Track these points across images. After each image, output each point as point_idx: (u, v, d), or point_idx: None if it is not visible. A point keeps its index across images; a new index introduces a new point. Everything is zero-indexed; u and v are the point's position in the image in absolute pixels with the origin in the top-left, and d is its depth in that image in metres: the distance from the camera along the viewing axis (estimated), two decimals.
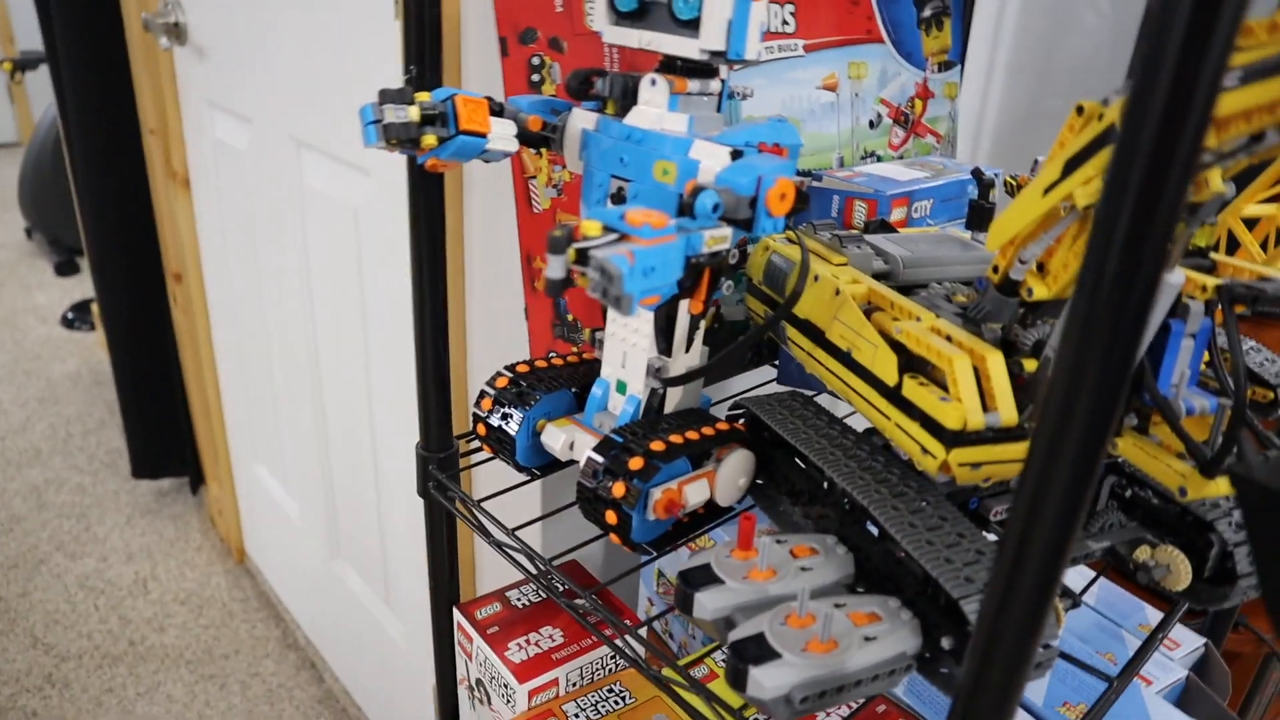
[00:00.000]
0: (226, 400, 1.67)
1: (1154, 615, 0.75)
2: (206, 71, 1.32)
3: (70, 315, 2.72)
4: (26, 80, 4.23)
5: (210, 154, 1.40)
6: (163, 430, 1.87)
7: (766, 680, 0.38)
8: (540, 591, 0.63)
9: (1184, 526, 0.51)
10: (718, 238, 0.46)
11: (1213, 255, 0.51)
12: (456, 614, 0.61)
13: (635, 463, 0.48)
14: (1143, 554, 0.50)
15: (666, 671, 0.50)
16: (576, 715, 0.56)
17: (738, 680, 0.39)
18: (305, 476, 1.40)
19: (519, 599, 0.62)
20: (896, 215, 0.69)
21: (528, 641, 0.59)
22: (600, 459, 0.49)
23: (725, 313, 0.70)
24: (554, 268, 0.37)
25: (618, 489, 0.48)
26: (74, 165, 1.62)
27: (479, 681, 0.61)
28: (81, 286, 2.96)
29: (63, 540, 1.86)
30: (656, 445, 0.49)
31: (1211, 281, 0.44)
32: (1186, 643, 0.74)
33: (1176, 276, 0.42)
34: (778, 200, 0.44)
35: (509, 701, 0.57)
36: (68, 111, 1.59)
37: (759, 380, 0.82)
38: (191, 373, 1.74)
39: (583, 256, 0.37)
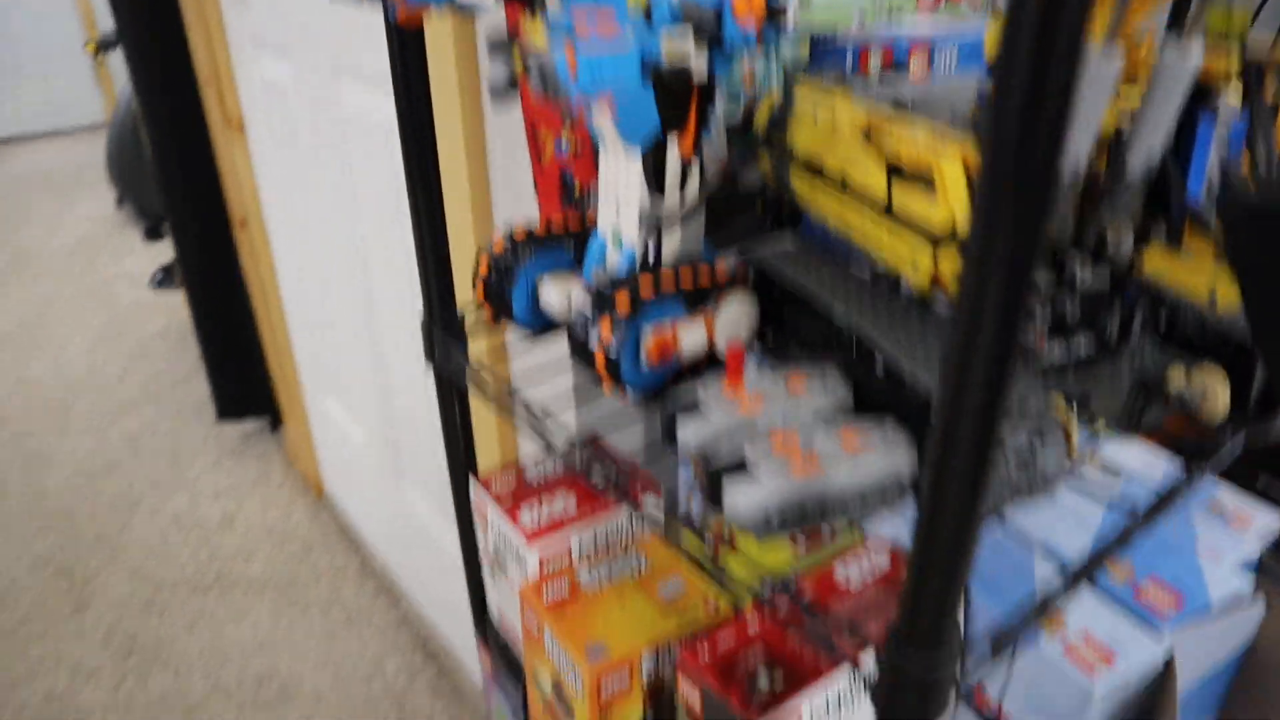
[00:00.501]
0: (295, 338, 1.72)
1: (1226, 495, 0.70)
2: (249, 11, 1.34)
3: (159, 277, 2.84)
4: (110, 60, 4.41)
5: (260, 95, 1.43)
6: (242, 374, 1.95)
7: (742, 499, 0.37)
8: (558, 467, 0.63)
9: (1225, 351, 0.46)
10: (676, 46, 0.43)
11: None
12: (473, 486, 0.61)
13: (622, 301, 0.47)
14: (1177, 379, 0.46)
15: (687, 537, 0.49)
16: (590, 579, 0.56)
17: (714, 500, 0.38)
18: (366, 401, 1.43)
19: (535, 473, 0.62)
20: (916, 67, 0.65)
21: (540, 508, 0.58)
22: (587, 300, 0.48)
23: (741, 187, 0.68)
24: (494, 71, 0.35)
25: (604, 329, 0.46)
26: (146, 127, 1.68)
27: (496, 551, 0.61)
28: (168, 251, 3.10)
29: (156, 481, 1.96)
30: (645, 285, 0.47)
31: (1236, 63, 0.40)
32: (1259, 520, 0.69)
33: (1193, 57, 0.38)
34: (745, 7, 0.41)
35: (522, 567, 0.57)
36: (136, 77, 1.64)
37: None
38: (262, 315, 1.80)
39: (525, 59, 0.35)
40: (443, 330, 0.59)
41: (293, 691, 1.44)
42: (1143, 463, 0.76)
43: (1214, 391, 0.44)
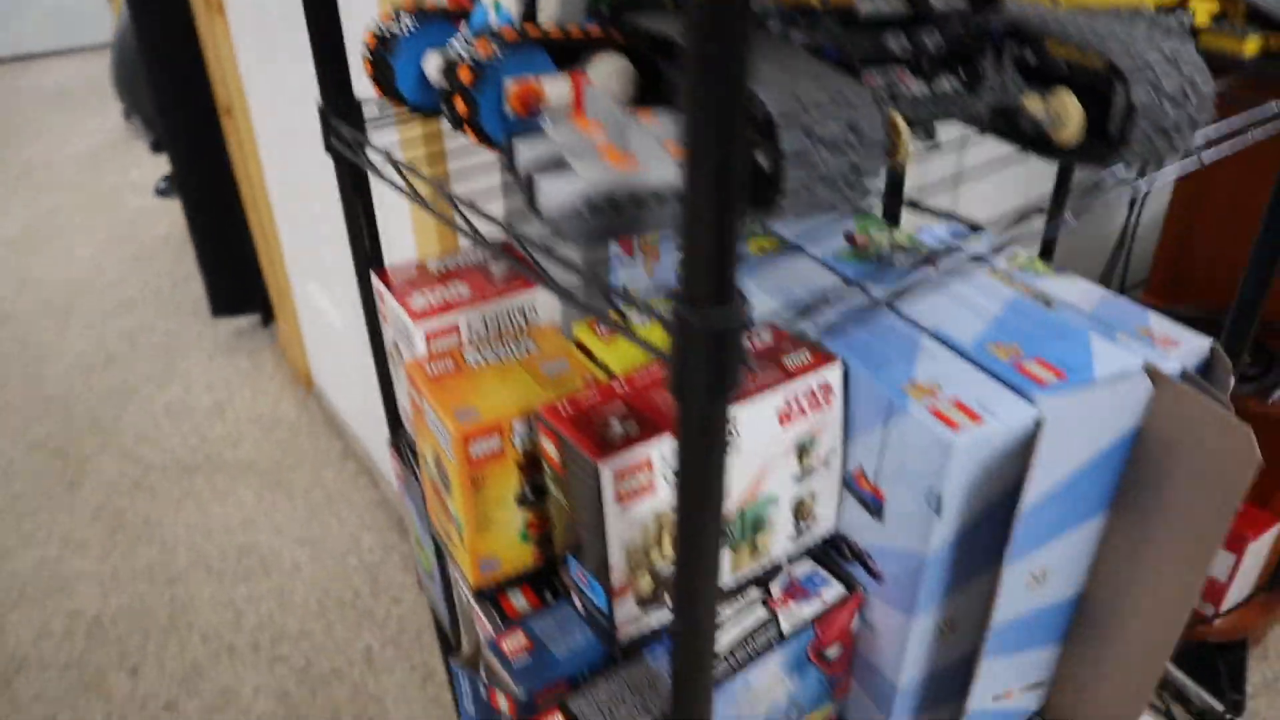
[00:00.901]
0: (282, 229, 1.72)
1: (1157, 320, 0.68)
2: None
3: (162, 185, 2.86)
4: None
5: None
6: (235, 270, 1.96)
7: (555, 192, 0.36)
8: (465, 260, 0.62)
9: (1093, 81, 0.44)
10: None
11: None
12: (374, 279, 0.61)
13: (483, 47, 0.45)
14: (1033, 104, 0.44)
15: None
16: (477, 359, 0.55)
17: (530, 197, 0.37)
18: (346, 285, 1.44)
19: (438, 265, 0.62)
20: None
21: (434, 293, 0.58)
22: (453, 49, 0.47)
23: None
24: None
25: (464, 73, 0.45)
26: (133, 18, 1.67)
27: (394, 344, 0.61)
28: None
29: (151, 374, 1.99)
30: (507, 32, 0.46)
31: None
32: (1188, 342, 0.67)
33: None
34: None
35: (411, 348, 0.57)
36: None
37: None
38: (250, 207, 1.80)
39: None
40: (339, 116, 0.58)
41: (272, 564, 1.48)
42: (1076, 291, 0.74)
43: (1068, 114, 0.42)
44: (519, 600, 0.56)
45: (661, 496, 0.46)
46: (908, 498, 0.48)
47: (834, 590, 0.53)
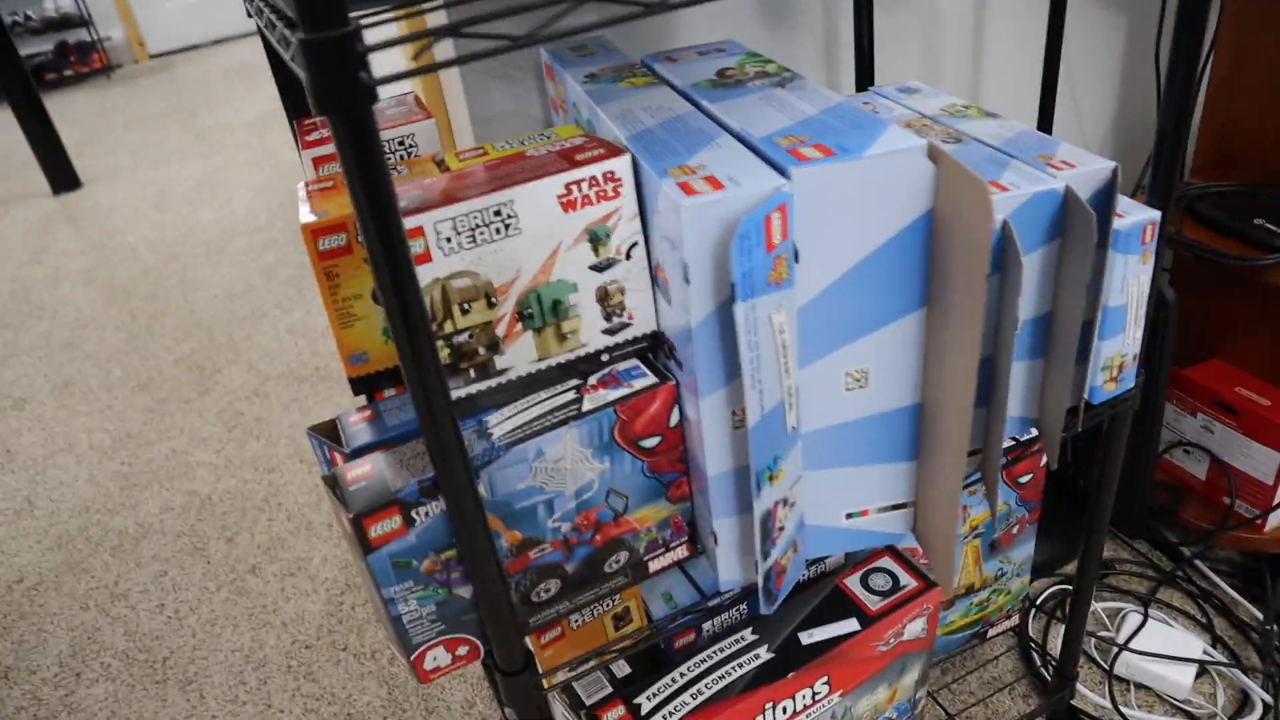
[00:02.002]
0: None
1: (1067, 150, 0.65)
2: None
3: None
4: None
5: None
6: None
7: None
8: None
9: None
10: None
11: None
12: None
13: None
14: None
15: None
16: None
17: None
18: None
19: None
20: None
21: (327, 129, 0.65)
22: None
23: None
24: None
25: None
26: None
27: None
28: None
29: (281, 301, 2.23)
30: None
31: None
32: (1088, 165, 0.63)
33: None
34: None
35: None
36: None
37: None
38: None
39: None
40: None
41: None
42: (998, 130, 0.72)
43: None
44: (390, 391, 0.63)
45: (439, 265, 0.51)
46: (675, 275, 0.50)
47: (645, 380, 0.56)
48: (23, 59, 2.89)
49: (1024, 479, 0.91)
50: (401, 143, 0.66)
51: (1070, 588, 1.16)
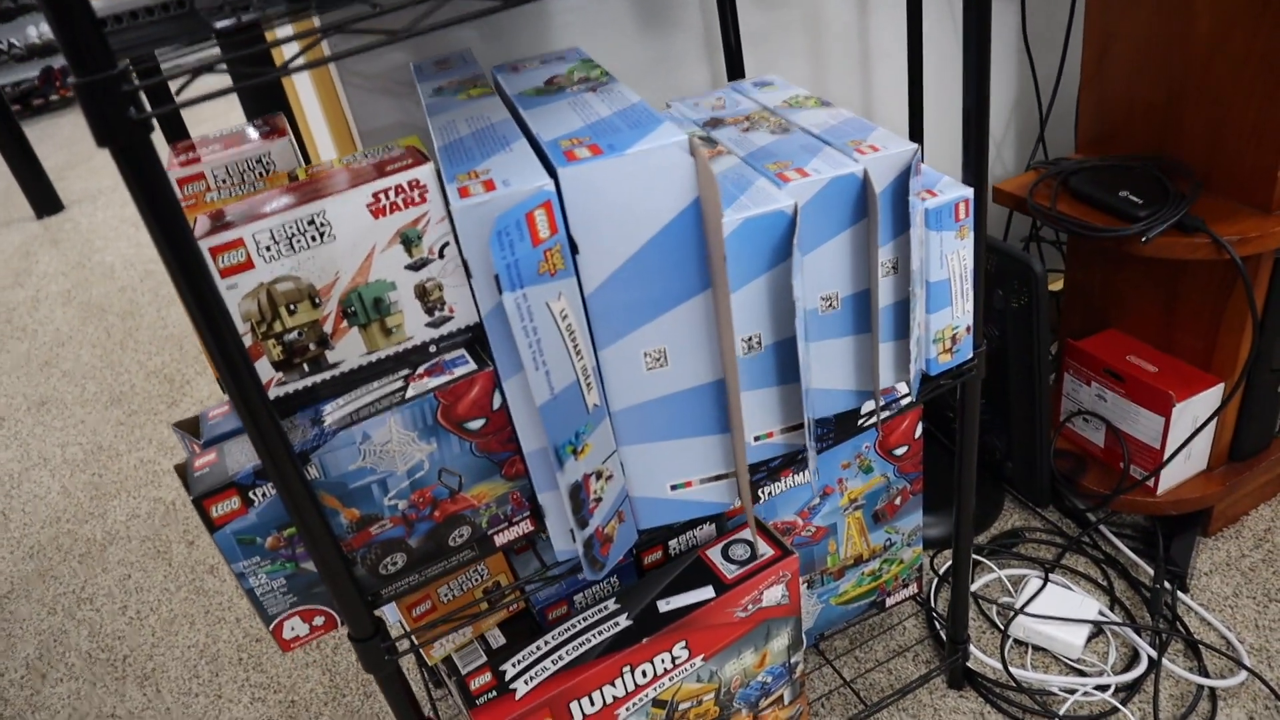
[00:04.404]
0: None
1: (880, 136, 0.70)
2: None
3: None
4: None
5: None
6: None
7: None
8: (230, 130, 0.75)
9: None
10: None
11: None
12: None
13: None
14: None
15: None
16: (213, 198, 0.68)
17: None
18: None
19: (215, 136, 0.74)
20: None
21: (191, 153, 0.71)
22: None
23: None
24: None
25: None
26: None
27: None
28: None
29: None
30: None
31: None
32: (891, 149, 0.68)
33: None
34: None
35: None
36: None
37: None
38: None
39: None
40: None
41: None
42: (827, 119, 0.77)
43: None
44: None
45: (262, 270, 0.57)
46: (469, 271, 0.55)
47: (466, 368, 0.62)
48: (1, 89, 2.97)
49: (899, 450, 0.95)
50: (259, 160, 0.71)
51: (975, 557, 1.20)
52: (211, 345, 0.50)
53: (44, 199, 3.22)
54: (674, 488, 0.67)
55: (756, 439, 0.70)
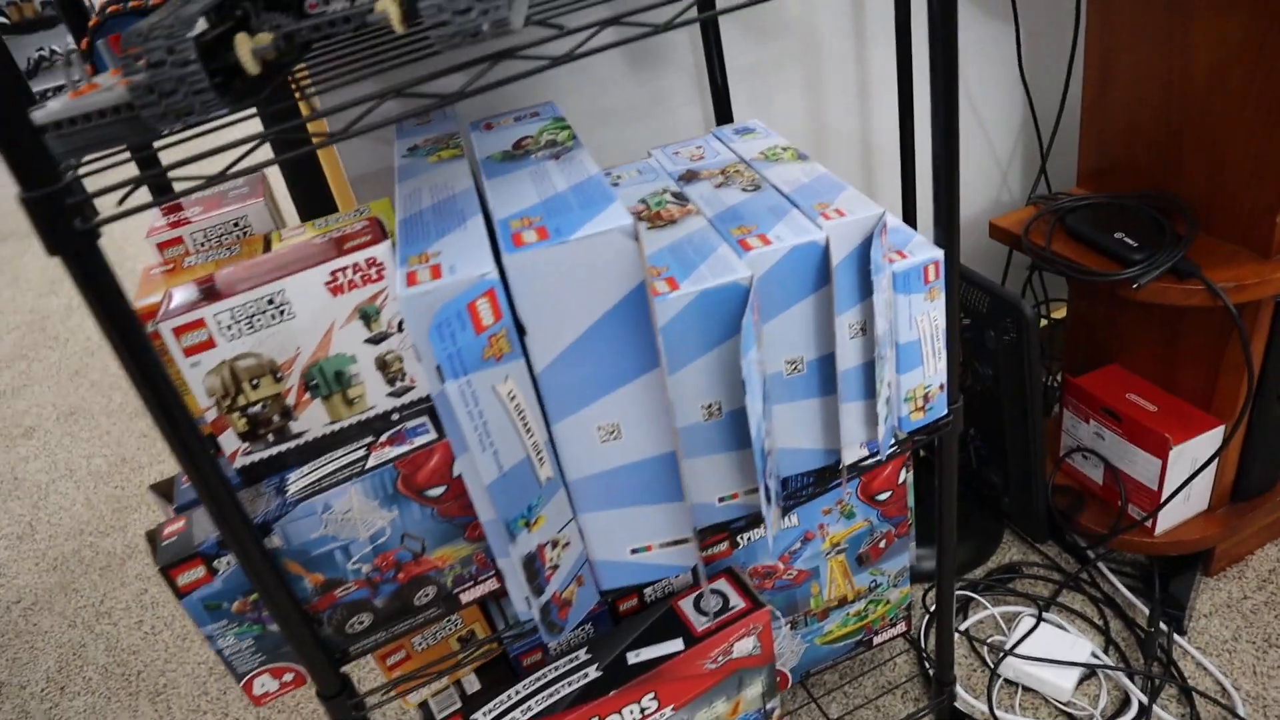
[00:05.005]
0: None
1: (849, 198, 0.70)
2: None
3: None
4: None
5: None
6: None
7: (41, 115, 0.49)
8: (214, 190, 0.77)
9: None
10: None
11: None
12: None
13: None
14: None
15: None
16: (191, 263, 0.70)
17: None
18: None
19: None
20: None
21: (173, 215, 0.73)
22: None
23: None
24: None
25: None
26: None
27: None
28: None
29: None
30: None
31: None
32: (857, 214, 0.68)
33: None
34: None
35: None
36: None
37: None
38: None
39: None
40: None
41: None
42: (800, 175, 0.77)
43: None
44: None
45: (224, 349, 0.58)
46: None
47: (426, 437, 0.63)
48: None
49: (882, 496, 0.95)
50: (236, 223, 0.73)
51: (968, 594, 1.19)
52: (167, 433, 0.52)
53: None
54: (634, 551, 0.68)
55: (721, 500, 0.71)
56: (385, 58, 0.73)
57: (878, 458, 0.76)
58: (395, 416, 0.65)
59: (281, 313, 0.59)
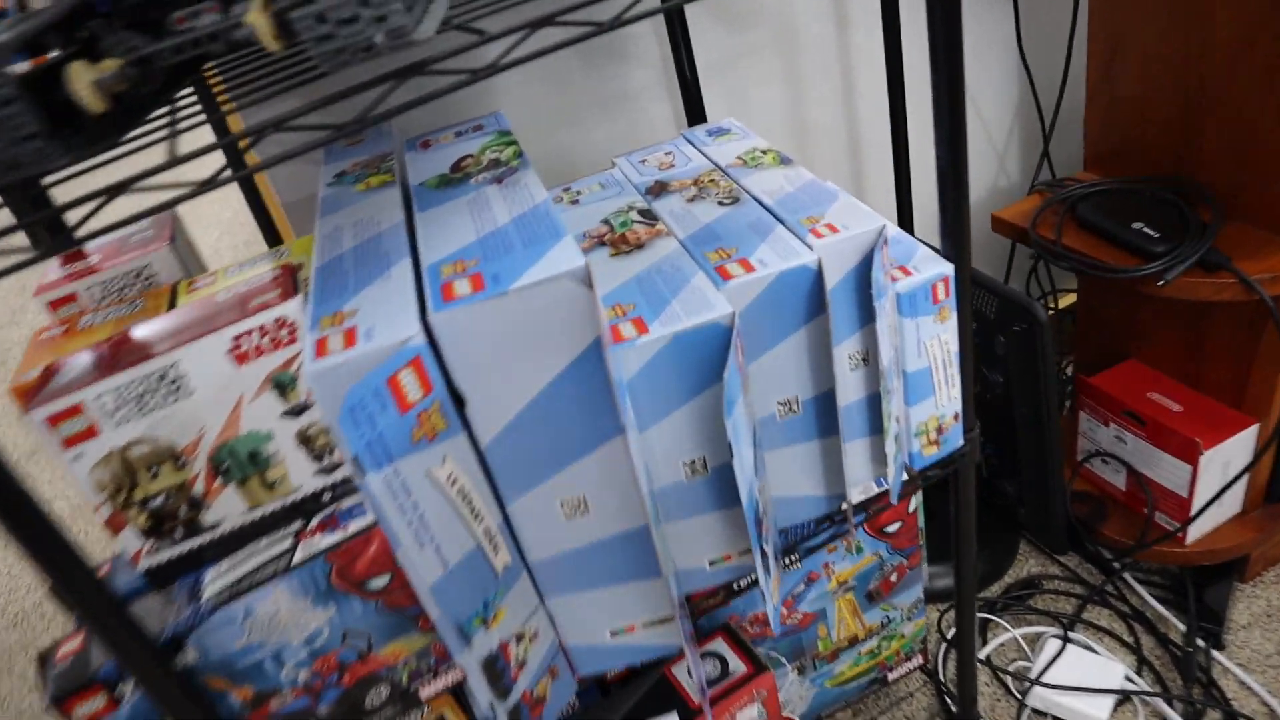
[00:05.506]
0: None
1: (841, 208, 0.60)
2: None
3: None
4: None
5: None
6: None
7: None
8: (115, 237, 0.67)
9: None
10: None
11: None
12: None
13: None
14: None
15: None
16: (89, 323, 0.60)
17: None
18: None
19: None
20: None
21: (66, 268, 0.63)
22: None
23: None
24: None
25: None
26: None
27: None
28: None
29: None
30: None
31: None
32: (856, 228, 0.59)
33: None
34: None
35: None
36: None
37: None
38: None
39: None
40: None
41: None
42: (783, 182, 0.68)
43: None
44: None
45: (110, 436, 0.49)
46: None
47: (363, 521, 0.54)
48: None
49: (891, 528, 0.86)
50: (139, 274, 0.63)
51: (986, 615, 1.11)
52: (19, 542, 0.42)
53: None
54: (614, 634, 0.59)
55: (712, 564, 0.62)
56: (302, 75, 0.63)
57: (888, 501, 0.68)
58: (326, 497, 0.55)
59: (177, 389, 0.49)
